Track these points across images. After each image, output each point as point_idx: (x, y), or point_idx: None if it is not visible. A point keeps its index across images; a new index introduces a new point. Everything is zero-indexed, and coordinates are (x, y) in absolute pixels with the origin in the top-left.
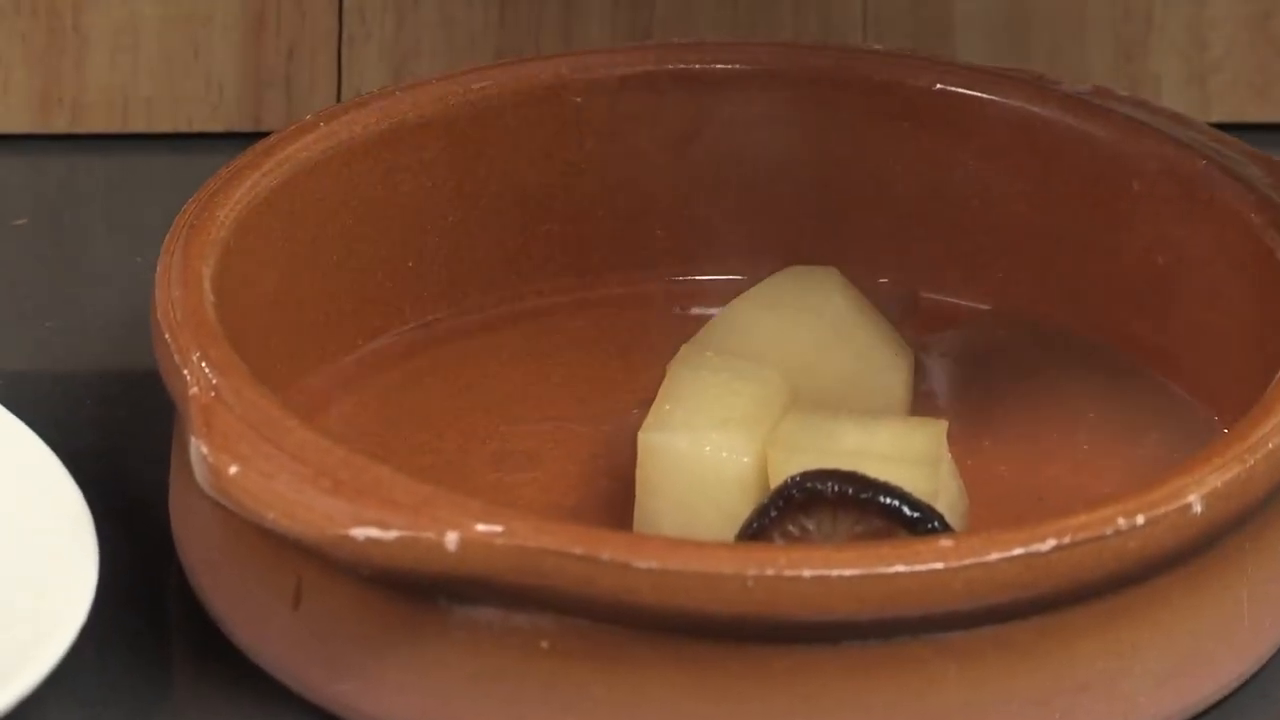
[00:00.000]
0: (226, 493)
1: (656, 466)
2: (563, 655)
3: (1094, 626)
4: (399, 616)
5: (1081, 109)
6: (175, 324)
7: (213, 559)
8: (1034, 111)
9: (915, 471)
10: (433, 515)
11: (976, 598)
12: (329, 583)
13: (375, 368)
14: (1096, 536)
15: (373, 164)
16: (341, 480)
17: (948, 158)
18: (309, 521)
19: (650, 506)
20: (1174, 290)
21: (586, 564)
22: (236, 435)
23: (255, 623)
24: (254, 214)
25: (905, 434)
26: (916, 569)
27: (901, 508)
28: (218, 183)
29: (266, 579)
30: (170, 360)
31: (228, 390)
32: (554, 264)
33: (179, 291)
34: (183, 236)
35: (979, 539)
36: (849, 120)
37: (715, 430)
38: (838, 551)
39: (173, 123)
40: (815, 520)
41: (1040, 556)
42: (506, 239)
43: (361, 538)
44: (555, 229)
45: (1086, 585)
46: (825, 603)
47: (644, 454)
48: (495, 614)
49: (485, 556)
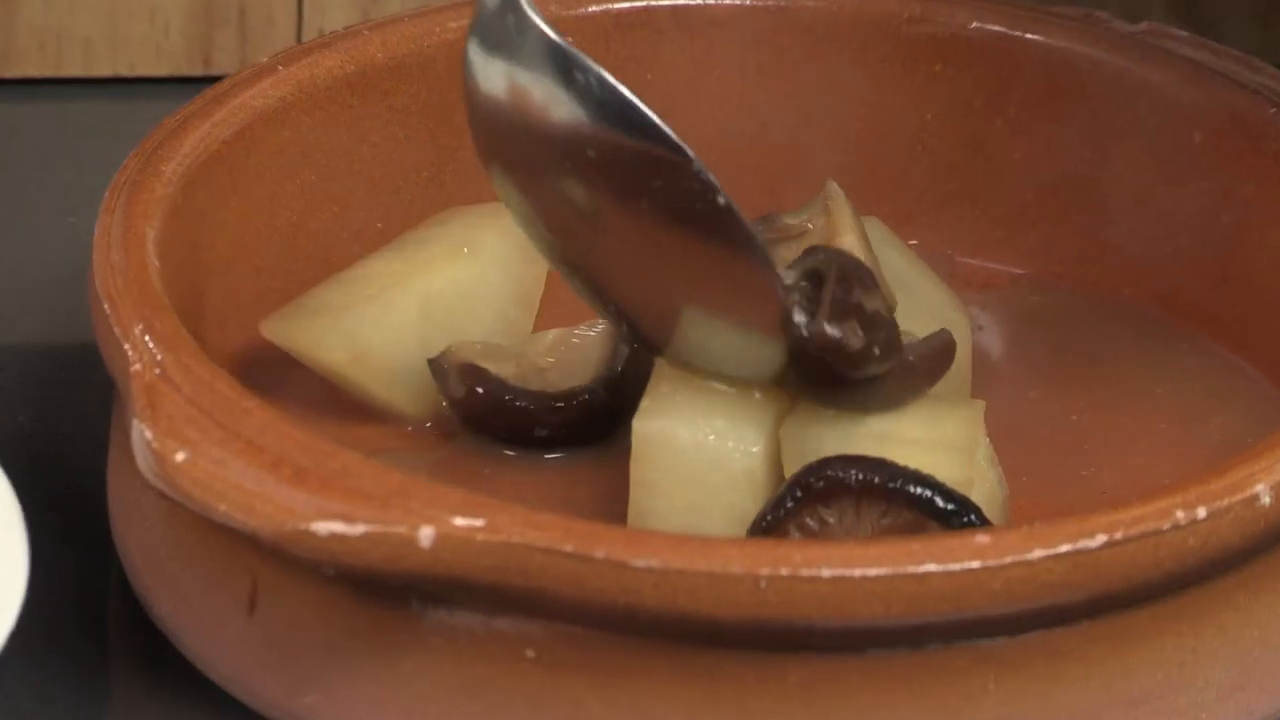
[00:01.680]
0: (172, 482)
1: (653, 460)
2: (552, 666)
3: (1149, 632)
4: (367, 622)
5: (1136, 51)
6: (115, 292)
7: (157, 557)
8: (1082, 53)
9: (948, 458)
10: (405, 507)
11: (1017, 600)
12: (288, 584)
13: None
14: (1152, 531)
15: (338, 112)
16: (303, 468)
17: (985, 106)
18: (266, 514)
19: (646, 506)
20: (1240, 254)
21: (578, 562)
22: (184, 417)
23: (205, 629)
24: (204, 169)
25: (938, 416)
26: (950, 568)
27: (934, 499)
28: (163, 134)
29: (218, 580)
30: (109, 333)
31: (174, 366)
32: None
33: (119, 256)
34: (123, 194)
35: (1020, 534)
36: (874, 64)
37: (720, 416)
38: (862, 548)
39: (112, 66)
40: (836, 512)
41: (1089, 554)
42: (487, 197)
43: (325, 533)
44: None
45: (1141, 586)
46: (848, 606)
47: (639, 444)
48: (476, 619)
49: (464, 554)
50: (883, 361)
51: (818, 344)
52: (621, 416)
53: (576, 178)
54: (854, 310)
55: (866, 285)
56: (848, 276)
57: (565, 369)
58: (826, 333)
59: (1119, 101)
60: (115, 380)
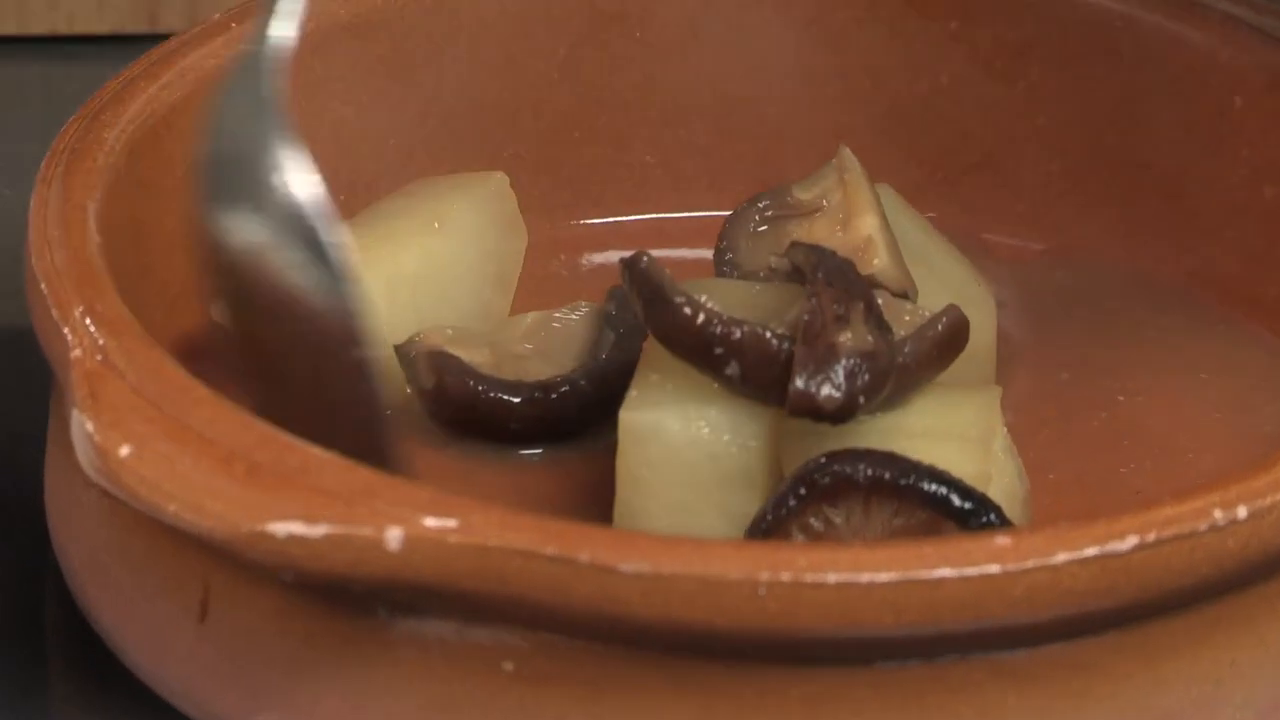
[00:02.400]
0: (116, 479)
1: (641, 454)
2: (532, 680)
3: (1184, 644)
4: (330, 633)
5: (1170, 6)
6: (53, 271)
7: (100, 561)
8: (1112, 9)
9: (962, 450)
10: (371, 507)
11: (1040, 608)
12: (243, 591)
13: None
14: (1188, 533)
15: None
16: (259, 463)
17: (1007, 67)
18: (218, 515)
19: (635, 505)
20: None
21: (561, 566)
22: (128, 408)
23: (153, 640)
24: (150, 136)
25: (950, 404)
26: (967, 573)
27: (950, 496)
28: (105, 97)
29: (166, 586)
30: (47, 316)
31: (117, 352)
32: (521, 195)
33: (58, 231)
34: (62, 163)
35: (1043, 536)
36: (884, 21)
37: (714, 405)
38: (870, 551)
39: (49, 23)
40: (843, 512)
41: (1118, 557)
42: (462, 166)
43: (283, 534)
44: (523, 153)
45: (1175, 593)
46: (855, 614)
47: (625, 437)
48: (449, 629)
49: (436, 558)
50: (872, 400)
51: (789, 410)
52: (607, 408)
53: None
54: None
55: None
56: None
57: (545, 356)
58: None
59: (1152, 62)
60: (53, 368)
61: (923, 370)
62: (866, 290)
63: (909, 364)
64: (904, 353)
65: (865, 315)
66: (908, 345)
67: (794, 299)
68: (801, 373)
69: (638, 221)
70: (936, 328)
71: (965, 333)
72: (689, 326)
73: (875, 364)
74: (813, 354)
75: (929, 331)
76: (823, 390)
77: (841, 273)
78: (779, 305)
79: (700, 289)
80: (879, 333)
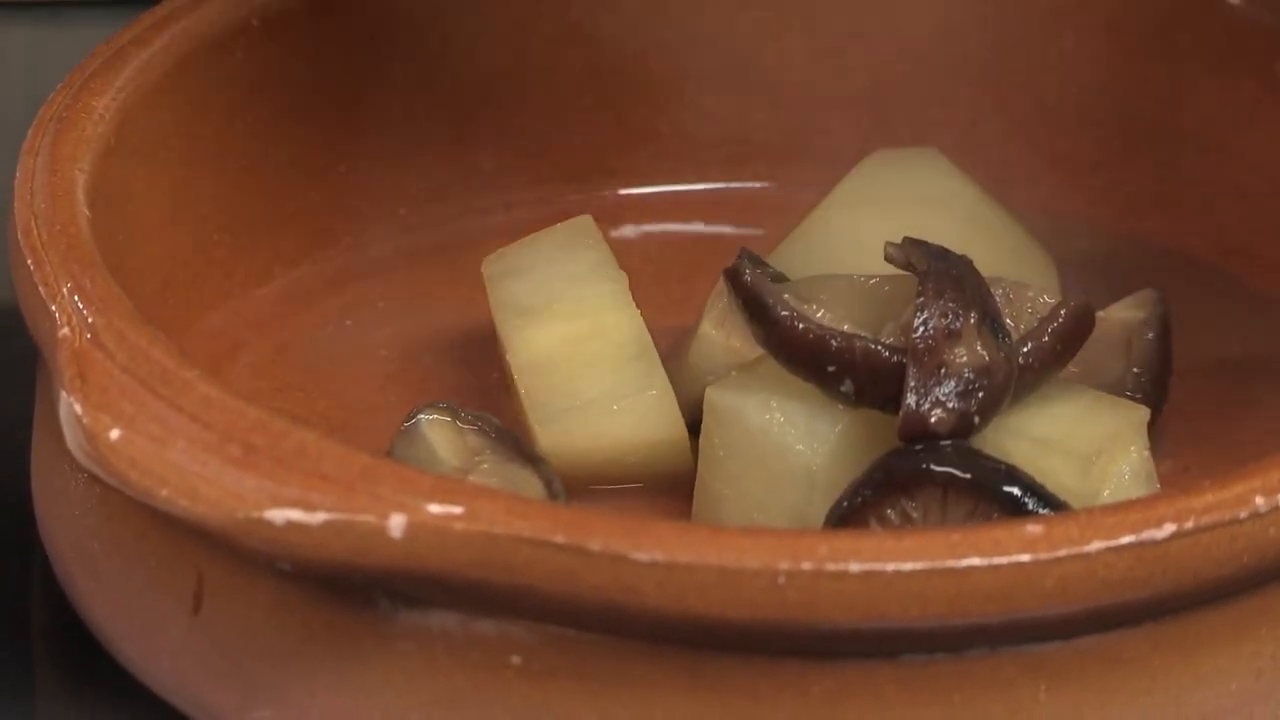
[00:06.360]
0: (105, 463)
1: (721, 436)
2: (540, 674)
3: (1223, 636)
4: (329, 625)
5: None
6: (40, 246)
7: (89, 550)
8: None
9: (1065, 464)
10: (372, 493)
11: (1073, 599)
12: (239, 581)
13: (296, 303)
14: (1228, 520)
15: (295, 39)
16: (255, 447)
17: (1037, 31)
18: (213, 501)
19: (714, 489)
20: None
21: (571, 556)
22: (119, 389)
23: (144, 632)
24: (141, 104)
25: (1080, 416)
26: (996, 562)
27: (1026, 501)
28: (94, 64)
29: (158, 576)
30: (34, 293)
31: (107, 331)
32: (516, 170)
33: (45, 204)
34: (49, 133)
35: (1076, 523)
36: None
37: (795, 400)
38: (895, 539)
39: None
40: (921, 506)
41: (1155, 546)
42: (462, 135)
43: (280, 522)
44: (521, 123)
45: (1213, 583)
46: (878, 606)
47: (709, 416)
48: (453, 621)
49: (440, 546)
50: (987, 418)
51: (900, 435)
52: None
53: None
54: (941, 374)
55: (959, 329)
56: (932, 327)
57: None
58: (910, 413)
59: (1189, 25)
60: (40, 347)
61: (1046, 369)
62: (981, 293)
63: (1030, 364)
64: (1023, 353)
65: (979, 325)
66: (1028, 344)
67: (910, 293)
68: (911, 395)
69: (654, 194)
70: (1057, 319)
71: (1090, 321)
72: (799, 343)
73: (991, 379)
74: (923, 374)
75: (1050, 325)
76: (934, 413)
77: (953, 279)
78: (894, 301)
79: (812, 288)
80: (995, 342)
